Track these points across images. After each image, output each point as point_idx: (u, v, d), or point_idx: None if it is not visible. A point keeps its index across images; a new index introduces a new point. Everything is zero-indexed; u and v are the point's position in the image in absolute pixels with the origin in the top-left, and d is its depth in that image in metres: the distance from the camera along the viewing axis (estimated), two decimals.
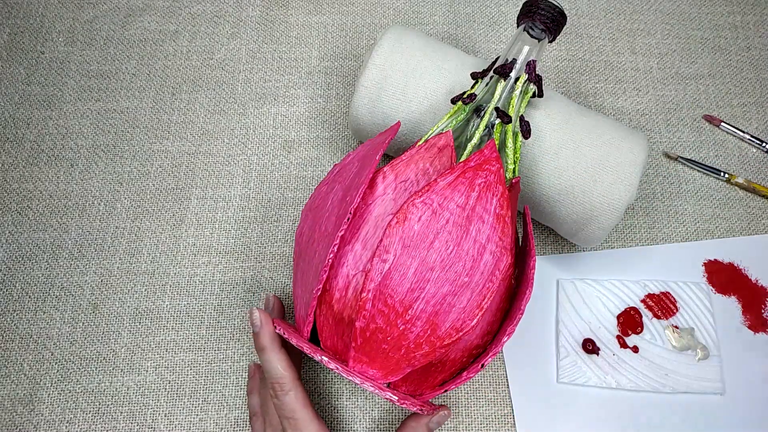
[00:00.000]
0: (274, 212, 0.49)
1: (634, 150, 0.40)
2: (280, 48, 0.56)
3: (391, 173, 0.34)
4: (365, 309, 0.31)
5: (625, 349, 0.44)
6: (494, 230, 0.32)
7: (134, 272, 0.47)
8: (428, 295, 0.30)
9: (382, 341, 0.31)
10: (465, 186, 0.32)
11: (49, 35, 0.56)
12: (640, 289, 0.46)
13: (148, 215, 0.49)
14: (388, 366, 0.32)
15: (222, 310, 0.46)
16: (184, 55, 0.55)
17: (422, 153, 0.34)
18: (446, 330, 0.31)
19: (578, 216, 0.41)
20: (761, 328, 0.45)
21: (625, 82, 0.54)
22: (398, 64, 0.43)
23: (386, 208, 0.33)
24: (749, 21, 0.57)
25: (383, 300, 0.31)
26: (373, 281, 0.31)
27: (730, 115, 0.53)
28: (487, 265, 0.31)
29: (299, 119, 0.53)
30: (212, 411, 0.43)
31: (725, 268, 0.47)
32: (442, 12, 0.58)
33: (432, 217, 0.31)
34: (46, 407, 0.42)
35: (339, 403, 0.43)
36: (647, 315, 0.45)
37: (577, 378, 0.43)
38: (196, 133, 0.52)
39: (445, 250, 0.31)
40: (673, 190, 0.50)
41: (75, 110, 0.53)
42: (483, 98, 0.38)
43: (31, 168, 0.50)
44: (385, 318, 0.31)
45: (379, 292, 0.31)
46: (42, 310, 0.45)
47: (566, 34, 0.57)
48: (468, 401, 0.43)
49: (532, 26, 0.39)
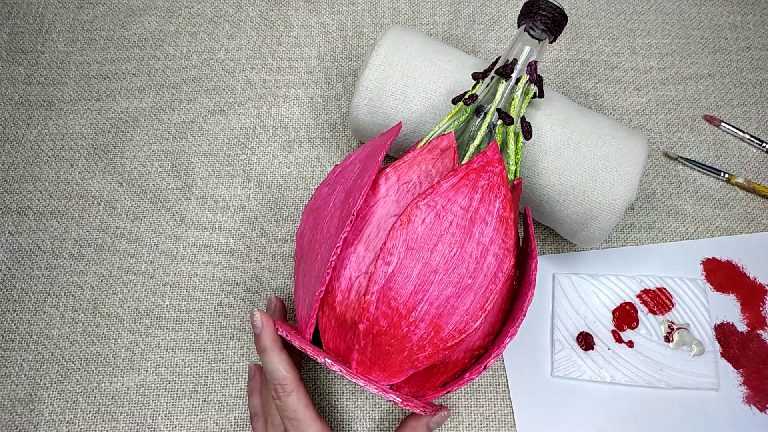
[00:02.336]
0: (274, 212, 0.49)
1: (635, 150, 0.40)
2: (280, 48, 0.56)
3: (394, 174, 0.34)
4: (369, 311, 0.31)
5: (620, 343, 0.44)
6: (497, 232, 0.32)
7: (134, 272, 0.47)
8: (432, 297, 0.30)
9: (386, 343, 0.31)
10: (468, 188, 0.32)
11: (49, 35, 0.56)
12: (636, 285, 0.46)
13: (148, 215, 0.49)
14: (392, 368, 0.32)
15: (222, 310, 0.46)
16: (184, 55, 0.55)
17: (425, 154, 0.34)
18: (449, 332, 0.31)
19: (578, 216, 0.41)
20: (760, 325, 0.45)
21: (625, 82, 0.54)
22: (398, 63, 0.43)
23: (389, 209, 0.33)
24: (749, 21, 0.57)
25: (387, 302, 0.31)
26: (377, 283, 0.31)
27: (730, 115, 0.53)
28: (491, 267, 0.31)
29: (299, 119, 0.53)
30: (212, 411, 0.43)
31: (723, 266, 0.47)
32: (442, 12, 0.58)
33: (436, 220, 0.31)
34: (46, 407, 0.42)
35: (339, 403, 0.43)
36: (643, 310, 0.45)
37: (572, 372, 0.43)
38: (196, 133, 0.52)
39: (448, 252, 0.31)
40: (673, 190, 0.50)
41: (75, 110, 0.53)
42: (484, 99, 0.38)
43: (31, 168, 0.50)
44: (388, 320, 0.31)
45: (382, 294, 0.31)
46: (42, 310, 0.45)
47: (566, 34, 0.57)
48: (468, 401, 0.43)
49: (533, 26, 0.39)
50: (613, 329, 0.44)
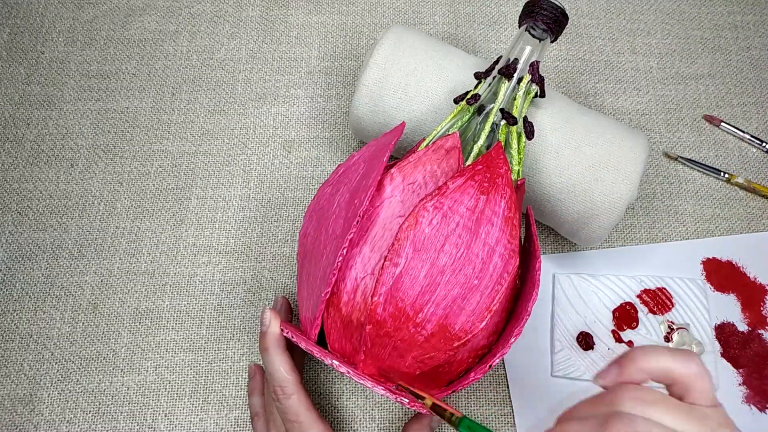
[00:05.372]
0: (274, 212, 0.49)
1: (635, 149, 0.40)
2: (280, 48, 0.56)
3: (399, 175, 0.34)
4: (376, 313, 0.31)
5: (620, 343, 0.44)
6: (503, 233, 0.32)
7: (134, 272, 0.47)
8: (438, 298, 0.31)
9: (393, 345, 0.31)
10: (474, 189, 0.32)
11: (49, 35, 0.56)
12: (636, 285, 0.46)
13: (148, 215, 0.49)
14: (398, 369, 0.32)
15: (222, 310, 0.45)
16: (184, 55, 0.55)
17: (429, 155, 0.34)
18: (456, 332, 0.31)
19: (579, 215, 0.41)
20: (761, 325, 0.45)
21: (625, 82, 0.54)
22: (399, 63, 0.43)
23: (394, 210, 0.33)
24: (749, 21, 0.58)
25: (394, 303, 0.31)
26: (385, 285, 0.31)
27: (730, 115, 0.53)
28: (496, 267, 0.31)
29: (299, 119, 0.53)
30: (212, 411, 0.43)
31: (724, 266, 0.47)
32: (442, 12, 0.58)
33: (443, 221, 0.31)
34: (46, 407, 0.42)
35: (339, 403, 0.43)
36: (643, 310, 0.45)
37: (571, 372, 0.43)
38: (196, 133, 0.52)
39: (455, 253, 0.31)
40: (673, 190, 0.50)
41: (75, 110, 0.52)
42: (485, 98, 0.38)
43: (31, 168, 0.50)
44: (395, 322, 0.31)
45: (390, 295, 0.31)
46: (42, 310, 0.45)
47: (566, 34, 0.57)
48: (468, 401, 0.43)
49: (534, 26, 0.39)
50: (613, 329, 0.44)
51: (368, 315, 0.31)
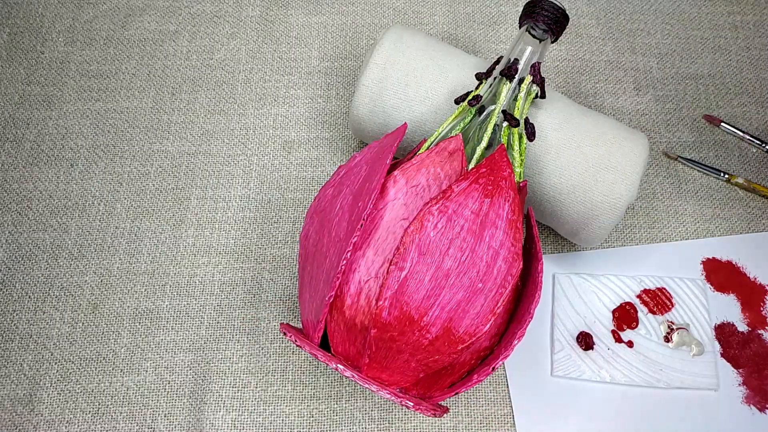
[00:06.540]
0: (274, 213, 0.49)
1: (636, 150, 0.40)
2: (280, 48, 0.56)
3: (402, 177, 0.34)
4: (381, 317, 0.31)
5: (620, 343, 0.44)
6: (507, 236, 0.32)
7: (134, 272, 0.47)
8: (443, 302, 0.31)
9: (397, 348, 0.31)
10: (479, 192, 0.32)
11: (49, 35, 0.56)
12: (635, 285, 0.46)
13: (148, 215, 0.49)
14: (402, 372, 0.32)
15: (222, 310, 0.45)
16: (184, 55, 0.55)
17: (433, 157, 0.34)
18: (460, 336, 0.31)
19: (579, 215, 0.41)
20: (761, 325, 0.45)
21: (625, 82, 0.54)
22: (399, 63, 0.43)
23: (397, 213, 0.33)
24: (749, 21, 0.58)
25: (399, 307, 0.31)
26: (390, 289, 0.31)
27: (730, 115, 0.53)
28: (501, 270, 0.31)
29: (299, 120, 0.53)
30: (211, 411, 0.42)
31: (723, 266, 0.47)
32: (442, 12, 0.58)
33: (447, 225, 0.31)
34: (46, 407, 0.42)
35: (338, 405, 0.43)
36: (643, 310, 0.45)
37: (571, 372, 0.43)
38: (196, 133, 0.52)
39: (460, 256, 0.31)
40: (673, 190, 0.50)
41: (75, 110, 0.52)
42: (486, 99, 0.38)
43: (31, 168, 0.50)
44: (400, 325, 0.31)
45: (395, 299, 0.30)
46: (42, 310, 0.45)
47: (566, 34, 0.57)
48: (468, 401, 0.43)
49: (534, 27, 0.39)
50: (612, 329, 0.44)
51: (373, 319, 0.31)
